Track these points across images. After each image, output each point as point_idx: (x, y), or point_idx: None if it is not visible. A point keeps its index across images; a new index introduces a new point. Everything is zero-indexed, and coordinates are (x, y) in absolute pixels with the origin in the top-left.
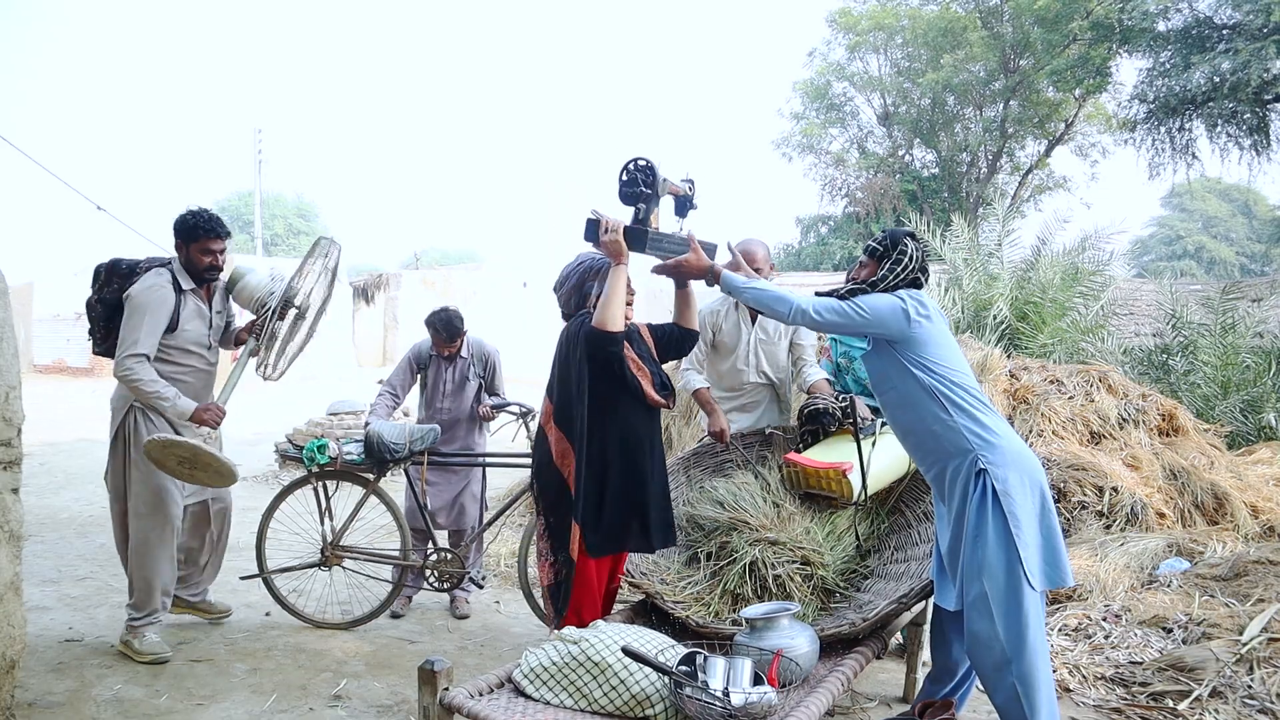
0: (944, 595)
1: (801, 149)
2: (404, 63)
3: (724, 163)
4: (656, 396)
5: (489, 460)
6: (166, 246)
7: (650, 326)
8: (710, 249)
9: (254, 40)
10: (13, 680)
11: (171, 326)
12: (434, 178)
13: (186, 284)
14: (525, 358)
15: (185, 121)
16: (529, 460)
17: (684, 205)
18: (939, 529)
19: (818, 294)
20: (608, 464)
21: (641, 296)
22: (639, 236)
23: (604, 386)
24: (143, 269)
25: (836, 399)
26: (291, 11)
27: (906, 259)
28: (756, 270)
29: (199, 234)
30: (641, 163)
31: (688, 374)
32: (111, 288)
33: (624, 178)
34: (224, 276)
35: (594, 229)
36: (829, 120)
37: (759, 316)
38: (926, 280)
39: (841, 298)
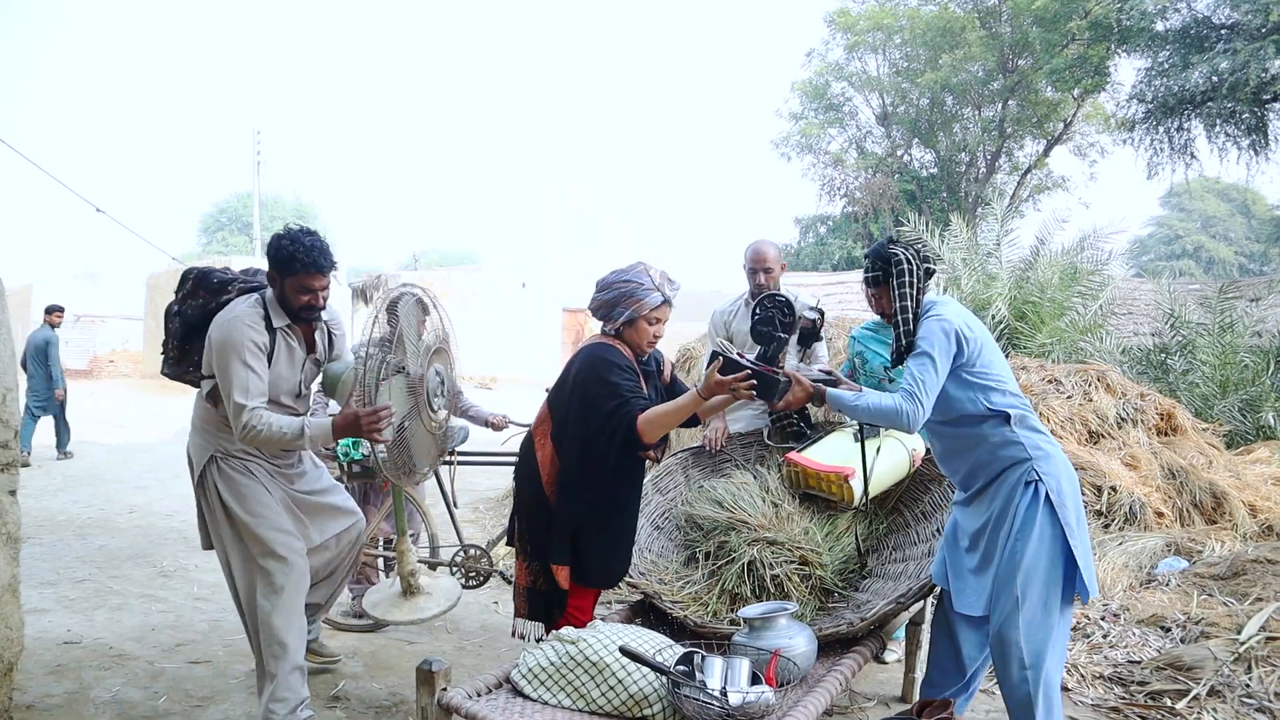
0: (963, 600)
1: (800, 149)
2: (403, 64)
3: (723, 163)
4: (650, 451)
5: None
6: (165, 250)
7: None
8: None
9: (252, 41)
10: (10, 683)
11: None
12: (432, 179)
13: (279, 320)
14: (524, 359)
15: (184, 123)
16: None
17: (810, 336)
18: (958, 532)
19: (893, 362)
20: (603, 503)
21: None
22: (770, 386)
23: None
24: (234, 288)
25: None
26: (290, 12)
27: (907, 264)
28: (768, 270)
29: (296, 267)
30: (780, 299)
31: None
32: (195, 301)
33: (758, 313)
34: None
35: (732, 366)
36: (827, 120)
37: None
38: (934, 265)
39: (902, 360)
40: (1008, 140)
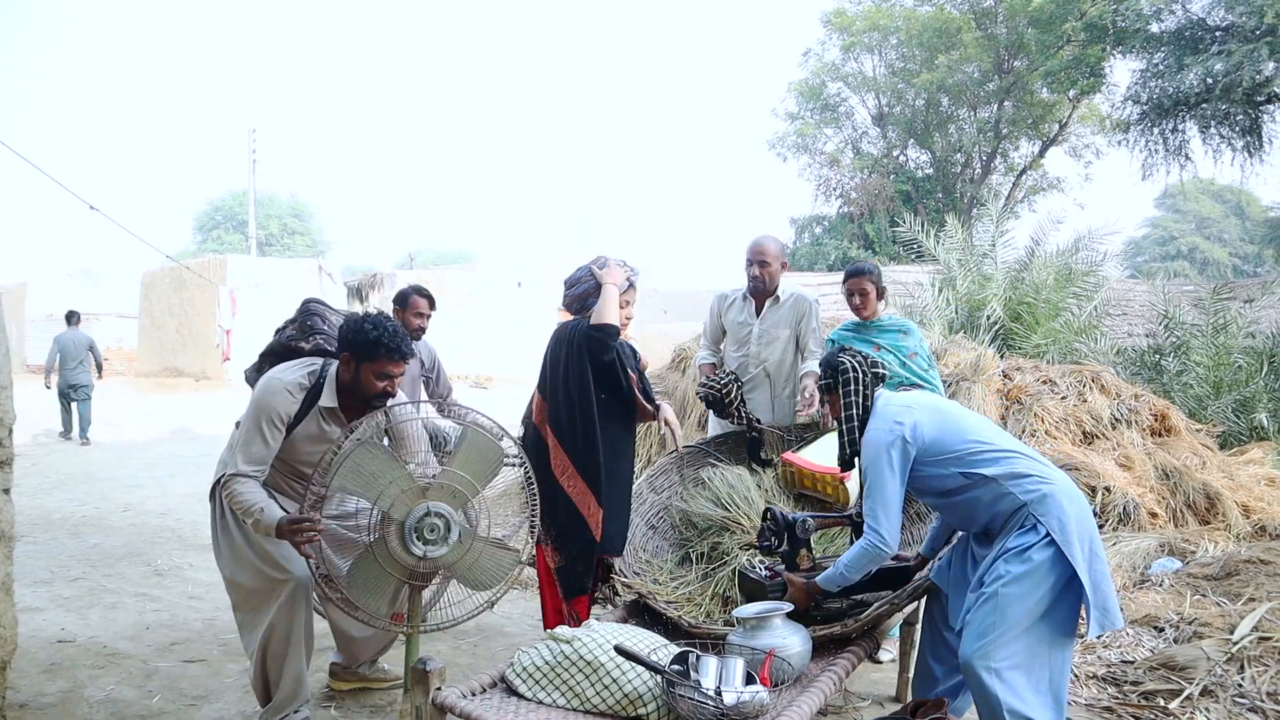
0: (957, 615)
1: (796, 149)
2: (398, 63)
3: (719, 163)
4: (644, 401)
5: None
6: (160, 248)
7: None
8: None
9: (248, 40)
10: (4, 682)
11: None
12: (428, 178)
13: (328, 400)
14: (520, 358)
15: (179, 121)
16: None
17: (800, 543)
18: (972, 550)
19: (840, 466)
20: (603, 472)
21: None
22: (758, 591)
23: (599, 389)
24: (313, 342)
25: (721, 385)
26: (286, 11)
27: (853, 373)
28: (764, 264)
29: (380, 352)
30: (778, 513)
31: (700, 353)
32: (286, 333)
33: (760, 531)
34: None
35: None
36: (824, 120)
37: (764, 310)
38: (883, 370)
39: (848, 464)
40: (1003, 141)
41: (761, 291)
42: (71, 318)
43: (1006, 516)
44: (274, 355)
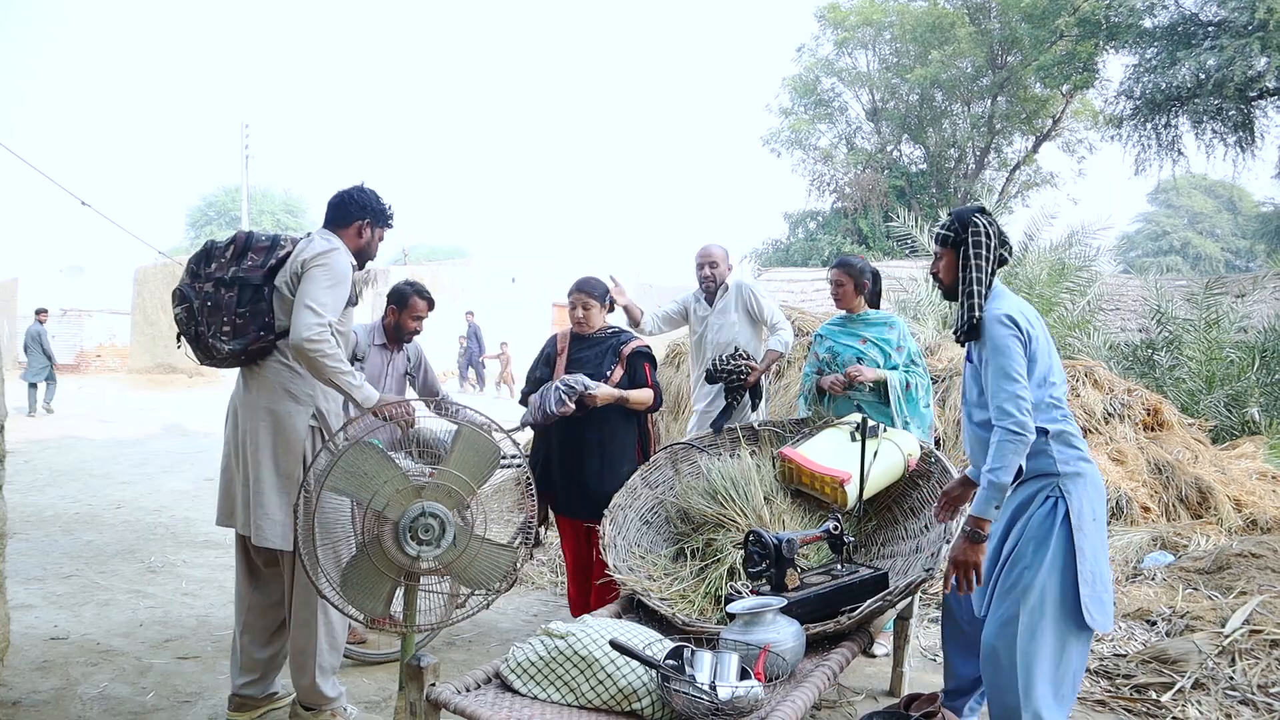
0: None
1: (790, 144)
2: (391, 58)
3: (712, 158)
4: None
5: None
6: (152, 244)
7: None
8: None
9: (241, 35)
10: None
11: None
12: (422, 173)
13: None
14: (514, 354)
15: (172, 116)
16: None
17: (787, 563)
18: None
19: (958, 339)
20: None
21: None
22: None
23: None
24: (287, 242)
25: (736, 364)
26: (279, 5)
27: (984, 238)
28: (716, 265)
29: (387, 221)
30: (764, 536)
31: (647, 316)
32: (249, 261)
33: (746, 556)
34: None
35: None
36: (817, 116)
37: (715, 300)
38: (1010, 255)
39: (969, 337)
40: (996, 136)
41: (712, 290)
42: (38, 315)
43: (1028, 476)
44: (257, 289)
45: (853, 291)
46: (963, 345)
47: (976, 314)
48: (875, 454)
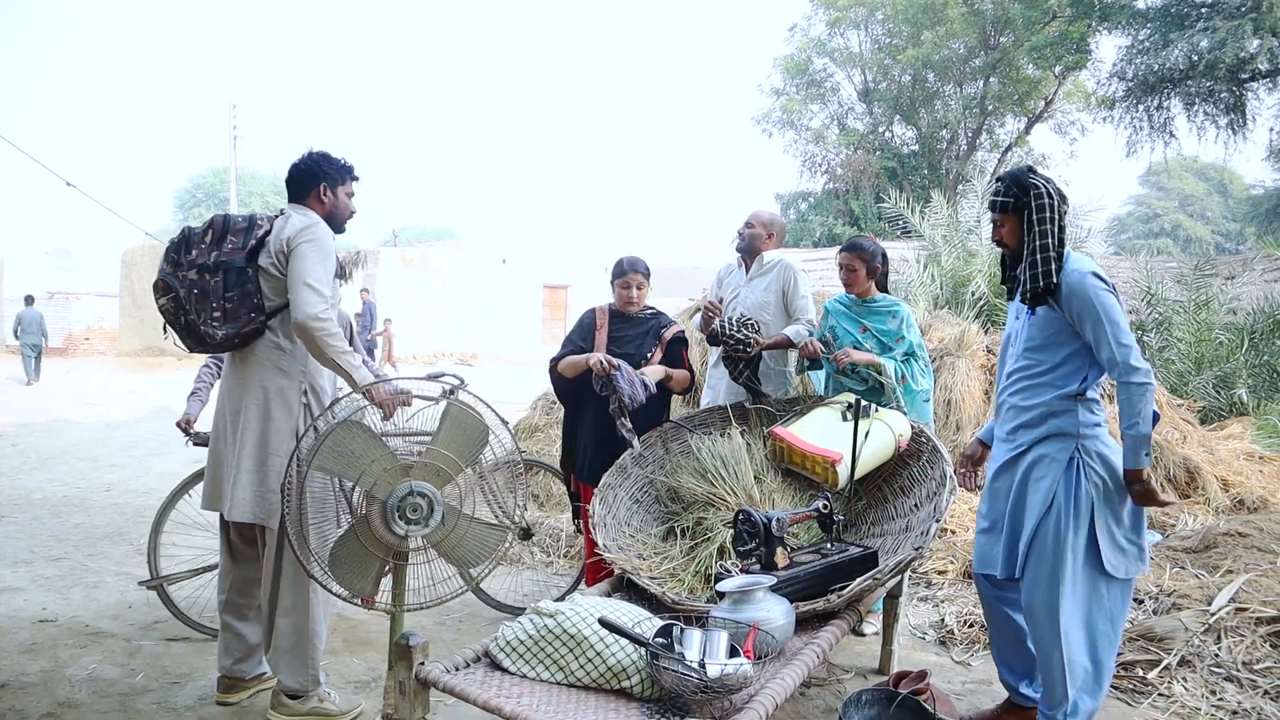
0: (989, 561)
1: (782, 125)
2: (380, 39)
3: (704, 139)
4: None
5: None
6: (139, 224)
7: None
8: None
9: (229, 15)
10: None
11: None
12: (412, 154)
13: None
14: (504, 335)
15: (159, 97)
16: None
17: (777, 541)
18: (989, 491)
19: (1026, 301)
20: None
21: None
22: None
23: None
24: (265, 222)
25: (744, 335)
26: None
27: (1047, 198)
28: (751, 226)
29: (346, 175)
30: (753, 515)
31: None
32: (229, 245)
33: (736, 535)
34: None
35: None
36: (809, 96)
37: (756, 279)
38: (1068, 209)
39: (1039, 300)
40: (989, 117)
41: (746, 250)
42: (29, 300)
43: (1055, 434)
44: (240, 270)
45: (864, 276)
46: (1031, 307)
47: (1055, 279)
48: (866, 434)
